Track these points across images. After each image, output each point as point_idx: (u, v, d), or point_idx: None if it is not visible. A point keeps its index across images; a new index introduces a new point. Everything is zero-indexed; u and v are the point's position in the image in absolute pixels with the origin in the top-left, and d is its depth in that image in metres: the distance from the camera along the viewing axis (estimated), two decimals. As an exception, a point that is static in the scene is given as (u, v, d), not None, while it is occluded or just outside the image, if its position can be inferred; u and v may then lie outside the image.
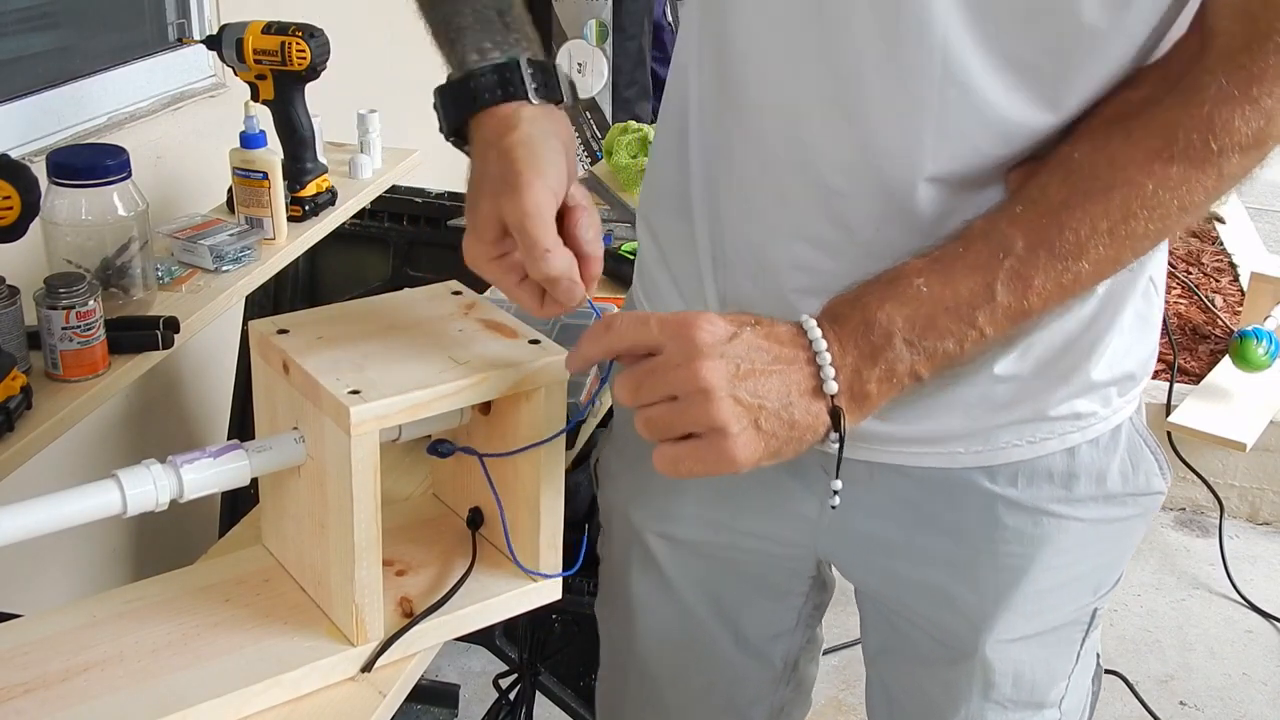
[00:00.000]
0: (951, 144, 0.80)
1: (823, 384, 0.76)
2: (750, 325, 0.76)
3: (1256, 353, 2.78)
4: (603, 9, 3.22)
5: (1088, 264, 0.77)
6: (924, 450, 0.92)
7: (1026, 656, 1.00)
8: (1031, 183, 0.78)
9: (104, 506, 0.79)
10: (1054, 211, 0.76)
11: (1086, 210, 0.76)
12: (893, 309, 0.76)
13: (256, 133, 1.58)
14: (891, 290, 0.77)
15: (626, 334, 0.77)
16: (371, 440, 0.81)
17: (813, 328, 0.77)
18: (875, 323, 0.76)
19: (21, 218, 1.14)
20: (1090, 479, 0.94)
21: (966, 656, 0.99)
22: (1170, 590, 2.61)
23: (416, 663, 0.91)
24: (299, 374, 0.84)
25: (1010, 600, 0.96)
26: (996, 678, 1.00)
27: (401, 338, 0.89)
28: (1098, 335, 0.90)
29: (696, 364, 0.74)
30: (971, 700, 1.01)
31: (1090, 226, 0.76)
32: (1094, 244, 0.76)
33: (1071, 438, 0.92)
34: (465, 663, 2.19)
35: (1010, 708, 1.02)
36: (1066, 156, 0.78)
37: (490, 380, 0.85)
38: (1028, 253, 0.76)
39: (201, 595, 0.92)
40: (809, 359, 0.76)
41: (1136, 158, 0.75)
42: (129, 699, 0.81)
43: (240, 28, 1.61)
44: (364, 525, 0.83)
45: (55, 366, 1.24)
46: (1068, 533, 0.94)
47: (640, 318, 0.77)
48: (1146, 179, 0.75)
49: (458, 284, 0.98)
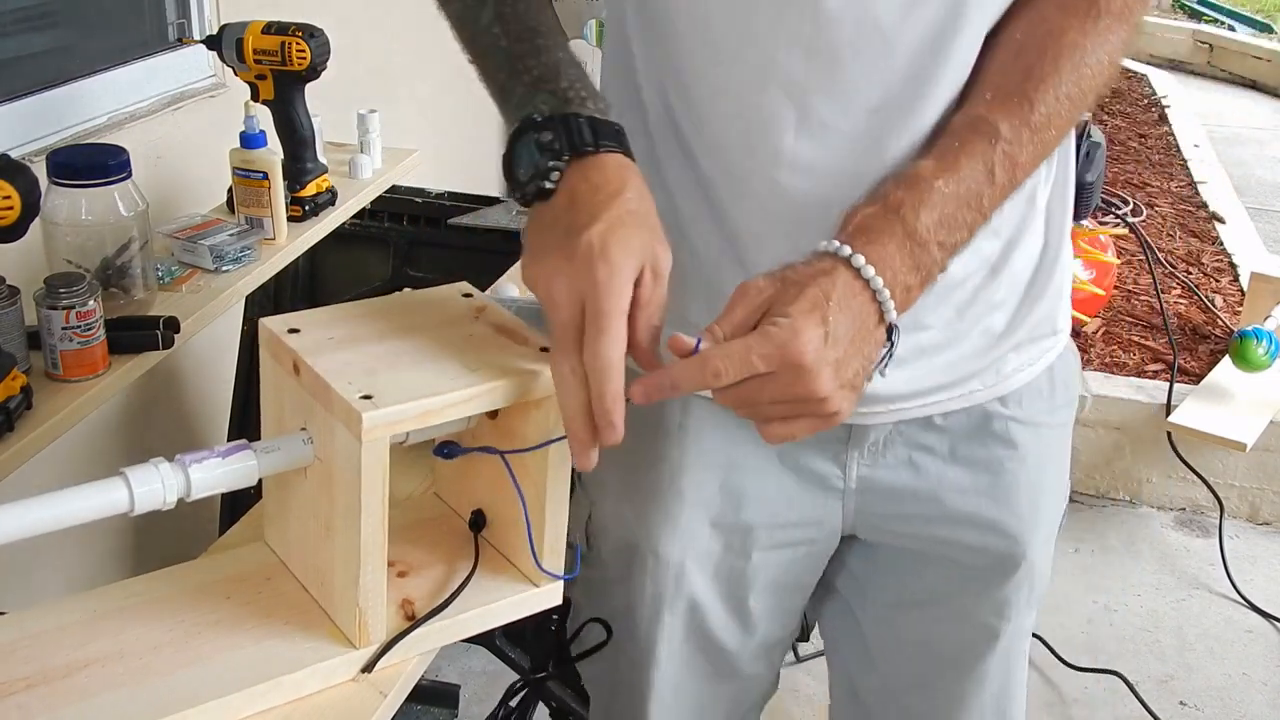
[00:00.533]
0: None
1: (885, 315, 0.79)
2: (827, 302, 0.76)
3: (1256, 353, 2.78)
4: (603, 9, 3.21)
5: (1054, 130, 0.85)
6: (945, 397, 0.98)
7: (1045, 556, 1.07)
8: (989, 70, 0.85)
9: (111, 504, 0.79)
10: (1020, 90, 0.83)
11: (1046, 82, 0.83)
12: (927, 215, 0.80)
13: (256, 133, 1.58)
14: (919, 196, 0.80)
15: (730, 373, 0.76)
16: (382, 445, 0.81)
17: (864, 267, 0.78)
18: (916, 233, 0.80)
19: (21, 218, 1.14)
20: (1062, 388, 1.04)
21: (1016, 566, 1.04)
22: (1170, 590, 2.61)
23: (417, 663, 0.91)
24: (310, 375, 0.84)
25: (1035, 507, 1.04)
26: (1038, 579, 1.07)
27: (413, 341, 0.88)
28: (1057, 247, 0.99)
29: (809, 384, 0.76)
30: (1019, 609, 1.07)
31: (1054, 95, 0.83)
32: (1059, 111, 0.84)
33: (1050, 354, 1.02)
34: (466, 663, 2.19)
35: (1035, 606, 1.09)
36: (1010, 39, 0.85)
37: (502, 388, 0.85)
38: (1012, 133, 0.83)
39: (203, 592, 0.91)
40: (870, 298, 0.79)
41: (1073, 24, 0.84)
42: (130, 697, 0.81)
43: (240, 28, 1.61)
44: (371, 529, 0.83)
45: (55, 366, 1.24)
46: (1052, 441, 1.05)
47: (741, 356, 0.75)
48: (1084, 39, 0.84)
49: (468, 286, 0.98)
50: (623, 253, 0.76)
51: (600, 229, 0.77)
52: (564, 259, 0.77)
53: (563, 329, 0.77)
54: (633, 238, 0.77)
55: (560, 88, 0.83)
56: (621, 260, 0.76)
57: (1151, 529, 2.84)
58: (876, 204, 0.81)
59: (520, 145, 0.82)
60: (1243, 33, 6.98)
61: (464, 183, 2.15)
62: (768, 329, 0.75)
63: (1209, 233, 4.05)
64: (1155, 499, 2.92)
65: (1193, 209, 4.27)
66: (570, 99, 0.83)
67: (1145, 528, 2.84)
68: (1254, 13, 7.54)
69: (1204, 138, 5.11)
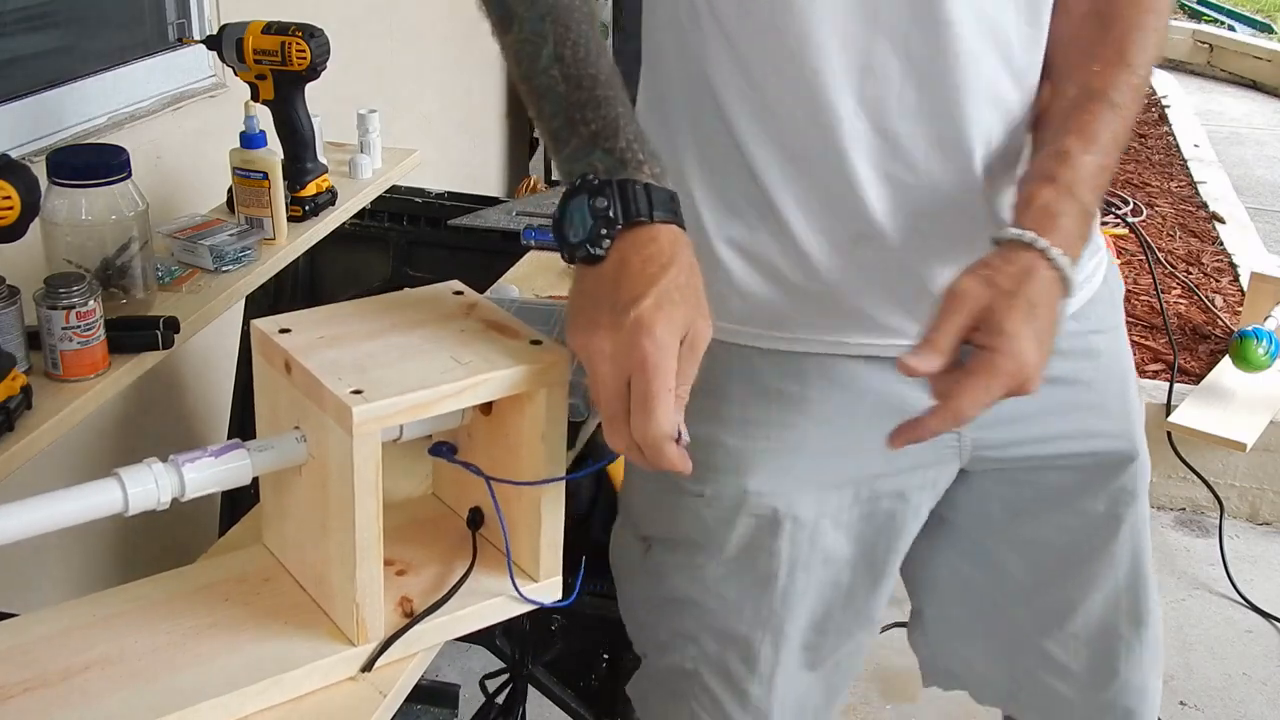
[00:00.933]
0: None
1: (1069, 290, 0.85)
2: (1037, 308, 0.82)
3: (1256, 353, 2.78)
4: (603, 9, 3.22)
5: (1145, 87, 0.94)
6: None
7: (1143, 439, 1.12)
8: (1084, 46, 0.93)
9: (105, 505, 0.79)
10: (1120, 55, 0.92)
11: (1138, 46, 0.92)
12: (1090, 191, 0.88)
13: (256, 133, 1.58)
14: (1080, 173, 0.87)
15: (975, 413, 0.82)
16: (374, 440, 0.81)
17: (1059, 257, 0.84)
18: (1088, 209, 0.87)
19: (21, 218, 1.14)
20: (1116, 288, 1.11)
21: (1129, 459, 1.09)
22: (1170, 590, 2.61)
23: (417, 662, 0.91)
24: (301, 373, 0.84)
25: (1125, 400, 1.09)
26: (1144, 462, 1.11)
27: (403, 337, 0.89)
28: None
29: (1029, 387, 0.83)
30: (1137, 495, 1.10)
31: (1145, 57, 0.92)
32: (1148, 69, 0.93)
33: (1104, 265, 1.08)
34: (465, 663, 2.19)
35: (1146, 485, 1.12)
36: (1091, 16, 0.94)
37: (493, 381, 0.85)
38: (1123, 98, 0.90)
39: (202, 594, 0.92)
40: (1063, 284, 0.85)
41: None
42: (129, 698, 0.81)
43: (240, 28, 1.61)
44: (366, 525, 0.83)
45: (55, 366, 1.24)
46: (1120, 338, 1.11)
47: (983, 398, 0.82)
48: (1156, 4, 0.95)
49: (459, 284, 0.98)
50: (668, 330, 0.78)
51: (649, 304, 0.78)
52: (610, 332, 0.78)
53: (609, 405, 0.80)
54: (678, 313, 0.79)
55: (619, 147, 0.83)
56: (667, 339, 0.78)
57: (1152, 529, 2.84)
58: (1050, 184, 0.87)
59: (573, 205, 0.82)
60: (1243, 33, 6.97)
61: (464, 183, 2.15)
62: (996, 361, 0.81)
63: (1209, 233, 4.05)
64: (1155, 499, 2.92)
65: (1193, 209, 4.27)
66: (628, 161, 0.82)
67: (1145, 528, 2.84)
68: (1254, 13, 7.54)
69: (1204, 138, 5.11)
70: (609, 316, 0.79)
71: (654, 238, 0.81)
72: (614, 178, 0.81)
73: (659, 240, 0.81)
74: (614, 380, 0.78)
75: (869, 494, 1.03)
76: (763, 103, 0.93)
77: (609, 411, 0.79)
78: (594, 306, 0.80)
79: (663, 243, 0.81)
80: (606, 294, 0.80)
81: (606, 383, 0.79)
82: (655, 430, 0.78)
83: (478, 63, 3.16)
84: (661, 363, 0.77)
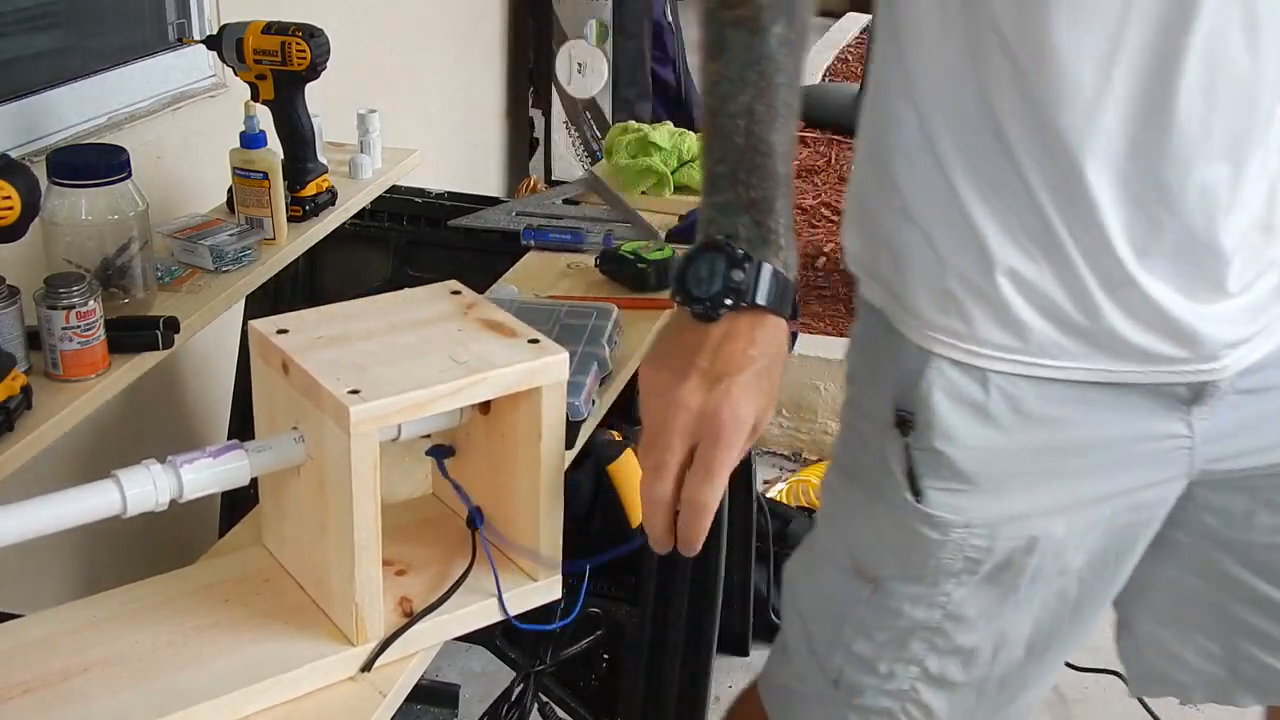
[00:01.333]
0: None
1: None
2: None
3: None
4: (603, 9, 3.22)
5: None
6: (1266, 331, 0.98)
7: None
8: None
9: (104, 507, 0.79)
10: None
11: None
12: None
13: (256, 133, 1.58)
14: None
15: None
16: (371, 440, 0.81)
17: None
18: None
19: (21, 218, 1.14)
20: None
21: None
22: (1171, 590, 2.61)
23: (417, 662, 0.91)
24: (298, 374, 0.84)
25: None
26: None
27: (401, 337, 0.89)
28: None
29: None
30: None
31: None
32: None
33: None
34: (465, 663, 2.19)
35: None
36: None
37: (490, 380, 0.85)
38: None
39: (201, 595, 0.92)
40: None
41: None
42: (129, 699, 0.81)
43: (240, 28, 1.61)
44: (364, 525, 0.83)
45: (55, 366, 1.24)
46: None
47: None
48: None
49: (457, 284, 0.98)
50: (749, 410, 0.83)
51: (742, 381, 0.83)
52: (700, 390, 0.83)
53: (666, 454, 0.83)
54: (759, 396, 0.84)
55: (769, 226, 0.86)
56: (747, 418, 0.83)
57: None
58: None
59: (705, 260, 0.85)
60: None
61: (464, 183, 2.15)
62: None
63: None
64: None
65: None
66: (771, 242, 0.86)
67: (1146, 527, 2.84)
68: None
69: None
70: (701, 377, 0.83)
71: (764, 324, 0.85)
72: (755, 255, 0.85)
73: (767, 327, 0.86)
74: (684, 434, 0.83)
75: (1110, 511, 1.01)
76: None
77: (664, 459, 0.83)
78: (688, 358, 0.84)
79: (769, 329, 0.86)
80: (706, 355, 0.84)
81: (676, 432, 0.83)
82: (711, 497, 0.82)
83: (478, 63, 3.16)
84: (736, 438, 0.82)
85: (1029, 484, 0.99)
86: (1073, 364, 0.95)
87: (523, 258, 1.76)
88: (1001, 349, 0.94)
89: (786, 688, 1.14)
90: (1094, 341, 0.94)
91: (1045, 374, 0.95)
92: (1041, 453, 0.99)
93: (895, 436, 0.95)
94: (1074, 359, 0.95)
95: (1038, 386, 0.96)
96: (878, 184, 0.95)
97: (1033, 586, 1.02)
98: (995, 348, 0.94)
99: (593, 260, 1.70)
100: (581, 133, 3.37)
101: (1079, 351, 0.94)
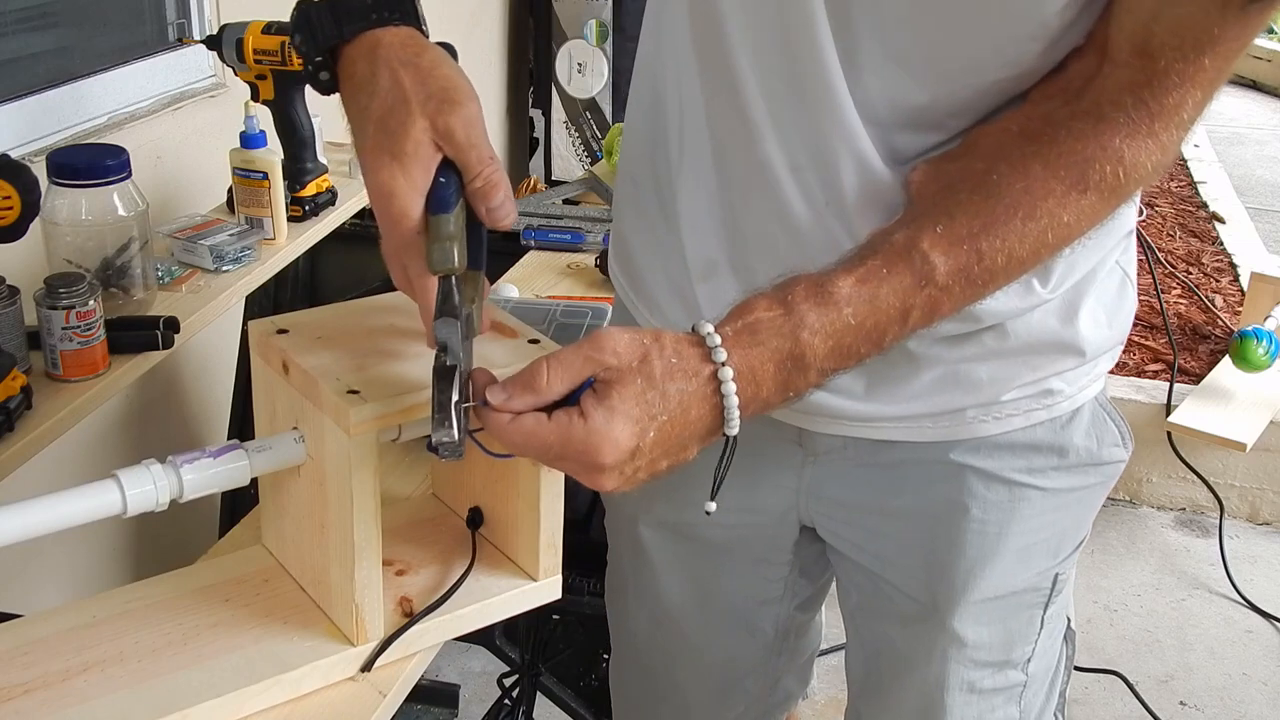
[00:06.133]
0: None
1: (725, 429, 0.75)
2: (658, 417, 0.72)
3: (1256, 353, 2.78)
4: (603, 9, 3.22)
5: (990, 287, 0.79)
6: (893, 425, 0.95)
7: (990, 618, 1.02)
8: (950, 198, 0.79)
9: (104, 506, 0.79)
10: (974, 235, 0.77)
11: (1005, 238, 0.77)
12: (822, 342, 0.75)
13: (256, 133, 1.58)
14: (822, 316, 0.75)
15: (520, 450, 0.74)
16: (371, 440, 0.81)
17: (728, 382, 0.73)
18: (803, 357, 0.75)
19: (21, 218, 1.14)
20: (1052, 452, 0.97)
21: (938, 614, 1.02)
22: (1170, 590, 2.61)
23: (416, 662, 0.91)
24: (299, 374, 0.84)
25: (976, 562, 0.99)
26: (966, 636, 1.02)
27: (401, 338, 0.89)
28: (1074, 324, 0.93)
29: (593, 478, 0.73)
30: (941, 658, 1.04)
31: (1006, 254, 0.77)
32: (1004, 270, 0.78)
33: (1036, 414, 0.95)
34: (465, 663, 2.19)
35: (974, 667, 1.04)
36: (985, 176, 0.79)
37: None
38: (947, 280, 0.77)
39: (201, 595, 0.92)
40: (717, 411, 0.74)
41: (1056, 190, 0.77)
42: (129, 699, 0.81)
43: (240, 28, 1.61)
44: (364, 525, 0.83)
45: (55, 366, 1.24)
46: (1029, 501, 0.97)
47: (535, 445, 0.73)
48: (1063, 211, 0.78)
49: (457, 284, 0.98)
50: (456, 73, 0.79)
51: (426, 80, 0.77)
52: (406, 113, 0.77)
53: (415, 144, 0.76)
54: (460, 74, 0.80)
55: None
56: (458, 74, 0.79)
57: (1151, 529, 2.84)
58: (778, 308, 0.75)
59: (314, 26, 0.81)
60: (1244, 32, 6.97)
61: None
62: (574, 429, 0.71)
63: (1209, 233, 4.05)
64: (1155, 499, 2.93)
65: (1193, 209, 4.27)
66: None
67: (1145, 528, 2.84)
68: (1255, 12, 7.52)
69: (1204, 138, 5.11)
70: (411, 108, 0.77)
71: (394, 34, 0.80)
72: None
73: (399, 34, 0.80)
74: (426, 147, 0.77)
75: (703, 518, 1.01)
76: None
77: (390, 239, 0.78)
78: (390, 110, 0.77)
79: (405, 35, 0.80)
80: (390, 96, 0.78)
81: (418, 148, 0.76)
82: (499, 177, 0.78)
83: (477, 62, 3.16)
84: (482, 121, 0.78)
85: None
86: None
87: (523, 257, 1.76)
88: None
89: None
90: None
91: None
92: None
93: None
94: None
95: None
96: None
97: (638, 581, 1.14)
98: None
99: (593, 260, 1.71)
100: (581, 133, 3.37)
101: None
